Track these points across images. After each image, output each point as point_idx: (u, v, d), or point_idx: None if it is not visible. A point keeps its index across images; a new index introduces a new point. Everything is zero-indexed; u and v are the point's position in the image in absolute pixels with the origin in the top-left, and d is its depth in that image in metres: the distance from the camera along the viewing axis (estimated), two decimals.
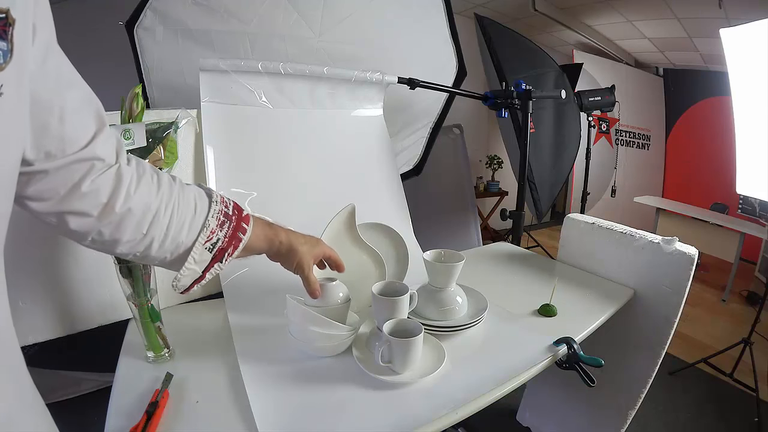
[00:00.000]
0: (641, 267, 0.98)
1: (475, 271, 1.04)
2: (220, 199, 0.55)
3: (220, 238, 0.53)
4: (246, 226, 0.57)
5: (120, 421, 0.54)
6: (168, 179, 0.49)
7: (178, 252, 0.50)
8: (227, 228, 0.54)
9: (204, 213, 0.52)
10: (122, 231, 0.44)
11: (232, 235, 0.55)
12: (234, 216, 0.55)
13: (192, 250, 0.51)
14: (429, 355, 0.68)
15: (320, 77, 1.10)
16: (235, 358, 0.68)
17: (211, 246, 0.52)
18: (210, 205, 0.53)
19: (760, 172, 2.21)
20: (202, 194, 0.54)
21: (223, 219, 0.54)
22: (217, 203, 0.54)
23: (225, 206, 0.55)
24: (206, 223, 0.52)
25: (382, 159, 1.27)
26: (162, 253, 0.49)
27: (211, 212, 0.52)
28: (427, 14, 1.54)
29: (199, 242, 0.51)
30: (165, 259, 0.51)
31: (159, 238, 0.48)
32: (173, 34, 1.36)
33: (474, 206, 2.86)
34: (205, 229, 0.51)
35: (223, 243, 0.53)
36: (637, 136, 4.53)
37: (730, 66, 2.29)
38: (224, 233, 0.53)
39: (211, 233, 0.52)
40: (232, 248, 0.55)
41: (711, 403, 1.77)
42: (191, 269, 0.52)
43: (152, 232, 0.47)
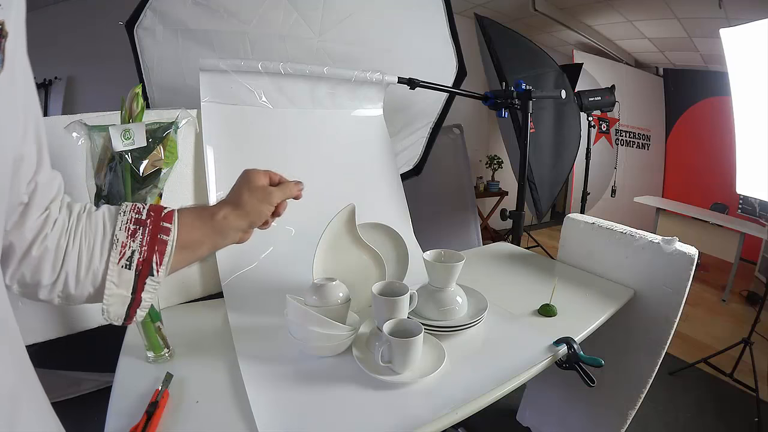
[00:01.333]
0: (641, 267, 0.98)
1: (475, 271, 1.04)
2: (130, 208, 0.49)
3: (134, 249, 0.47)
4: (168, 224, 0.49)
5: (120, 421, 0.54)
6: (78, 210, 0.46)
7: (97, 282, 0.46)
8: (141, 235, 0.47)
9: (110, 230, 0.46)
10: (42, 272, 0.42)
11: (151, 242, 0.48)
12: (149, 219, 0.48)
13: (107, 273, 0.45)
14: (429, 355, 0.68)
15: (320, 77, 1.10)
16: (235, 358, 0.68)
17: (127, 262, 0.46)
18: (116, 218, 0.47)
19: (760, 172, 2.21)
20: (111, 211, 0.48)
21: (134, 227, 0.47)
22: (125, 213, 0.48)
23: (137, 213, 0.48)
24: (114, 239, 0.46)
25: (382, 159, 1.27)
26: (82, 289, 0.45)
27: (118, 225, 0.47)
28: (427, 14, 1.54)
29: (112, 261, 0.45)
30: (90, 295, 0.46)
31: (73, 271, 0.44)
32: (173, 34, 1.36)
33: (474, 206, 2.86)
34: (115, 245, 0.46)
35: (142, 254, 0.47)
36: (637, 136, 4.53)
37: (730, 66, 2.29)
38: (139, 242, 0.47)
39: (122, 247, 0.46)
40: (159, 255, 0.48)
41: (711, 403, 1.77)
42: (115, 294, 0.46)
43: (66, 268, 0.43)
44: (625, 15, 3.51)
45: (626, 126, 4.40)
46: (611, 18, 3.63)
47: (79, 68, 2.56)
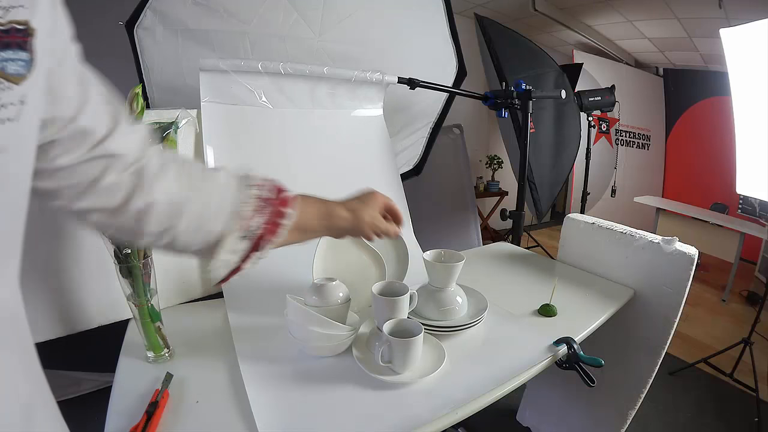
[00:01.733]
0: (641, 267, 0.98)
1: (475, 271, 1.04)
2: (257, 183, 0.51)
3: (256, 225, 0.49)
4: (286, 209, 0.52)
5: (120, 421, 0.54)
6: (198, 168, 0.48)
7: (207, 242, 0.48)
8: (265, 214, 0.50)
9: (236, 200, 0.48)
10: (144, 224, 0.43)
11: (270, 221, 0.50)
12: (273, 199, 0.51)
13: (224, 239, 0.48)
14: (429, 355, 0.68)
15: (320, 77, 1.10)
16: (235, 358, 0.68)
17: (245, 234, 0.49)
18: (244, 190, 0.49)
19: (760, 172, 2.21)
20: (235, 179, 0.50)
21: (260, 204, 0.50)
22: (251, 187, 0.50)
23: (262, 190, 0.51)
24: (241, 209, 0.48)
25: (382, 159, 1.27)
26: (190, 245, 0.47)
27: (244, 197, 0.49)
28: (427, 14, 1.54)
29: (233, 231, 0.48)
30: (194, 250, 0.48)
31: (185, 230, 0.45)
32: (173, 34, 1.36)
33: (474, 206, 2.86)
34: (239, 217, 0.48)
35: (260, 230, 0.50)
36: (637, 136, 4.53)
37: (730, 66, 2.29)
38: (262, 220, 0.50)
39: (244, 221, 0.48)
40: (271, 235, 0.51)
41: (711, 403, 1.77)
42: (224, 260, 0.49)
43: (178, 225, 0.45)
44: (625, 15, 3.51)
45: (626, 126, 4.40)
46: (611, 18, 3.63)
47: None
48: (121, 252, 0.64)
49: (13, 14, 0.30)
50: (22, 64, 0.30)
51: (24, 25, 0.30)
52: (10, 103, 0.30)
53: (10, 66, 0.30)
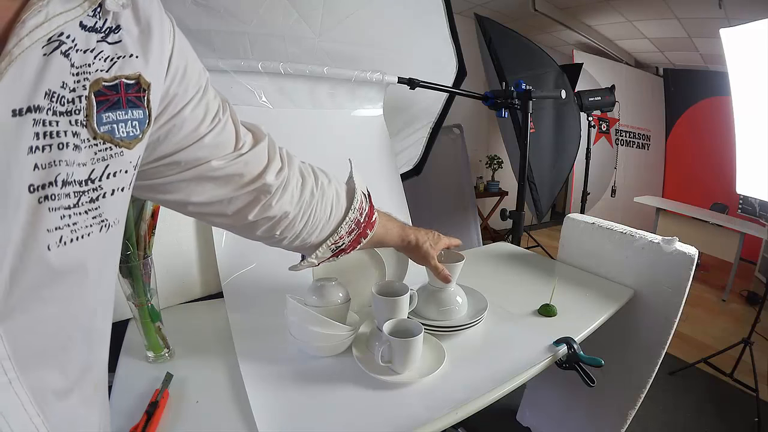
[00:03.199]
0: (641, 267, 0.98)
1: (475, 271, 1.04)
2: (358, 206, 0.57)
3: (345, 242, 0.57)
4: (370, 231, 0.60)
5: (120, 421, 0.54)
6: (311, 185, 0.52)
7: (303, 247, 0.55)
8: (354, 234, 0.57)
9: (337, 221, 0.55)
10: (256, 229, 0.48)
11: (355, 240, 0.58)
12: (364, 223, 0.58)
13: (318, 249, 0.55)
14: (429, 355, 0.68)
15: (320, 77, 1.10)
16: (235, 358, 0.68)
17: (335, 248, 0.56)
18: (346, 213, 0.56)
19: (760, 172, 2.21)
20: (342, 199, 0.56)
21: (353, 227, 0.57)
22: (353, 211, 0.56)
23: (360, 213, 0.58)
24: (337, 230, 0.55)
25: (382, 159, 1.27)
26: (289, 245, 0.54)
27: (345, 221, 0.55)
28: (427, 14, 1.54)
29: (326, 244, 0.55)
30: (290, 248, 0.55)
31: (290, 238, 0.52)
32: None
33: (474, 206, 2.86)
34: (335, 235, 0.55)
35: (345, 246, 0.57)
36: (637, 136, 4.53)
37: (730, 66, 2.30)
38: (350, 239, 0.57)
39: (339, 239, 0.55)
40: (351, 248, 0.58)
41: (711, 403, 1.77)
42: (311, 262, 0.57)
43: (285, 234, 0.50)
44: (625, 15, 3.51)
45: (626, 126, 4.40)
46: (611, 18, 3.63)
47: None
48: (121, 252, 0.64)
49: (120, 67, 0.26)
50: (134, 124, 0.27)
51: (133, 79, 0.26)
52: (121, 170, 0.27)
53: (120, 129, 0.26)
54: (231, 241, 0.96)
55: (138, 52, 0.27)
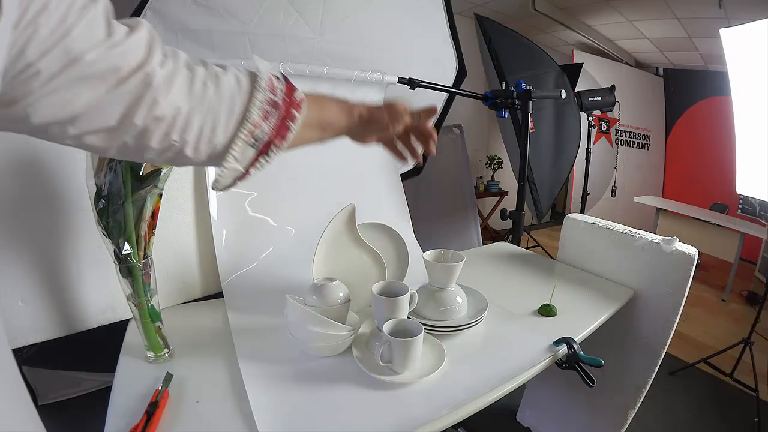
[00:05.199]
0: (641, 267, 0.98)
1: (475, 271, 1.04)
2: (267, 85, 0.47)
3: (264, 131, 0.46)
4: (297, 112, 0.50)
5: (120, 421, 0.54)
6: (203, 73, 0.43)
7: (215, 152, 0.45)
8: (274, 119, 0.47)
9: (243, 105, 0.45)
10: (149, 139, 0.40)
11: (279, 125, 0.48)
12: (284, 103, 0.48)
13: (231, 148, 0.45)
14: (429, 355, 0.68)
15: (320, 77, 1.10)
16: (235, 358, 0.68)
17: (254, 141, 0.46)
18: (252, 94, 0.45)
19: (760, 172, 2.21)
20: (244, 81, 0.46)
21: (269, 109, 0.46)
22: (262, 90, 0.46)
23: (272, 92, 0.47)
24: (246, 116, 0.45)
25: (382, 159, 1.27)
26: (197, 156, 0.44)
27: (254, 103, 0.45)
28: (427, 14, 1.54)
29: (240, 138, 0.45)
30: (202, 161, 0.46)
31: (192, 142, 0.42)
32: (173, 34, 1.36)
33: (474, 206, 2.86)
34: (246, 124, 0.45)
35: (268, 136, 0.47)
36: (637, 136, 4.53)
37: (730, 66, 2.30)
38: (271, 125, 0.47)
39: (253, 127, 0.45)
40: (280, 139, 0.48)
41: (711, 403, 1.77)
42: (231, 168, 0.47)
43: (185, 137, 0.42)
44: (625, 15, 3.51)
45: (626, 126, 4.40)
46: (611, 18, 3.63)
47: None
48: (121, 252, 0.64)
49: None
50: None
51: None
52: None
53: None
54: (231, 241, 0.96)
55: None
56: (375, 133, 0.60)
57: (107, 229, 0.63)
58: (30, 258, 0.76)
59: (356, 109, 0.57)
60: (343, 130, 0.58)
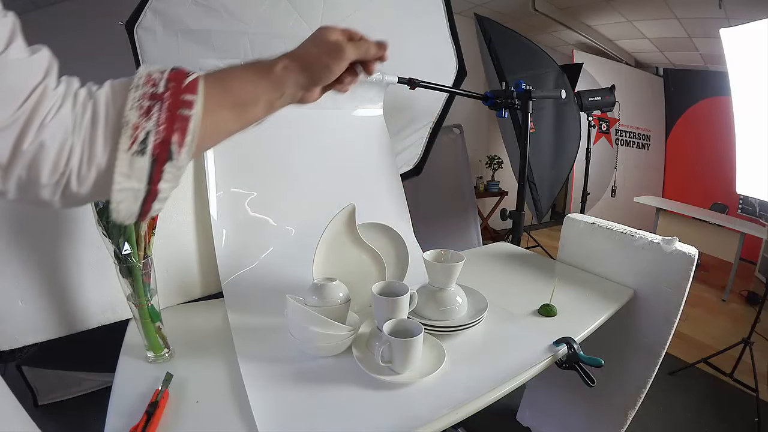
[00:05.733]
0: (641, 267, 0.98)
1: (475, 271, 1.04)
2: (143, 81, 0.39)
3: (149, 130, 0.37)
4: (191, 96, 0.40)
5: (120, 421, 0.54)
6: (84, 93, 0.37)
7: (101, 174, 0.37)
8: (158, 112, 0.38)
9: (116, 110, 0.37)
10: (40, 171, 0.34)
11: (170, 118, 0.38)
12: (168, 90, 0.39)
13: (114, 164, 0.37)
14: (429, 355, 0.68)
15: None
16: (235, 358, 0.68)
17: (140, 148, 0.37)
18: (126, 96, 0.38)
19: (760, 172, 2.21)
20: (117, 87, 0.39)
21: (149, 103, 0.38)
22: (137, 87, 0.38)
23: (152, 85, 0.39)
24: (122, 121, 0.37)
25: (382, 159, 1.27)
26: (83, 185, 0.37)
27: (128, 105, 0.37)
28: (427, 14, 1.54)
29: (121, 149, 0.36)
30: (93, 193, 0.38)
31: (76, 168, 0.36)
32: (173, 34, 1.36)
33: (474, 206, 2.86)
34: (125, 129, 0.36)
35: (158, 135, 0.38)
36: (637, 136, 4.53)
37: (730, 66, 2.30)
38: (155, 120, 0.38)
39: (133, 130, 0.37)
40: (179, 134, 0.39)
41: (711, 403, 1.77)
42: (125, 188, 0.38)
43: (70, 163, 0.35)
44: (625, 15, 3.51)
45: (626, 126, 4.40)
46: (611, 18, 3.63)
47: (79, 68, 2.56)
48: (121, 252, 0.64)
49: None
50: None
51: None
52: None
53: None
54: (231, 241, 0.96)
55: None
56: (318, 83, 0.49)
57: (107, 229, 0.63)
58: (30, 258, 0.76)
59: (277, 65, 0.47)
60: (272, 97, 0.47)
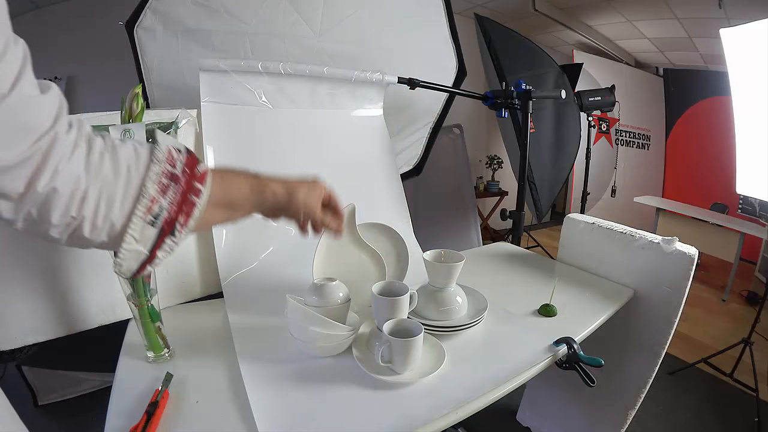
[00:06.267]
0: (641, 267, 0.98)
1: (475, 271, 1.04)
2: (165, 157, 0.44)
3: (163, 207, 0.43)
4: (200, 186, 0.46)
5: (120, 421, 0.54)
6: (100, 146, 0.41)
7: (114, 232, 0.41)
8: (173, 192, 0.44)
9: (139, 179, 0.42)
10: (50, 212, 0.37)
11: (181, 201, 0.44)
12: (184, 175, 0.45)
13: (128, 227, 0.41)
14: (429, 355, 0.68)
15: (320, 77, 1.10)
16: (235, 358, 0.68)
17: (153, 218, 0.42)
18: (148, 167, 0.42)
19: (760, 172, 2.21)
20: (142, 154, 0.43)
21: (167, 182, 0.43)
22: (158, 163, 0.43)
23: (171, 164, 0.44)
24: (142, 191, 0.42)
25: (382, 159, 1.27)
26: (97, 235, 0.41)
27: (150, 177, 0.42)
28: (427, 14, 1.54)
29: (137, 216, 0.41)
30: (103, 243, 0.42)
31: (90, 217, 0.39)
32: (173, 35, 1.36)
33: (474, 206, 2.86)
34: (143, 199, 0.42)
35: (169, 213, 0.43)
36: (637, 136, 4.53)
37: (730, 66, 2.30)
38: (169, 200, 0.43)
39: (150, 203, 0.42)
40: (184, 216, 0.45)
41: (711, 403, 1.77)
42: (132, 250, 0.43)
43: (82, 212, 0.39)
44: (625, 15, 3.51)
45: (626, 126, 4.40)
46: (611, 18, 3.63)
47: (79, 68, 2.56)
48: None
49: None
50: None
51: None
52: None
53: None
54: (231, 241, 0.96)
55: None
56: (283, 219, 0.58)
57: None
58: (30, 258, 0.76)
59: (269, 189, 0.54)
60: (252, 211, 0.55)
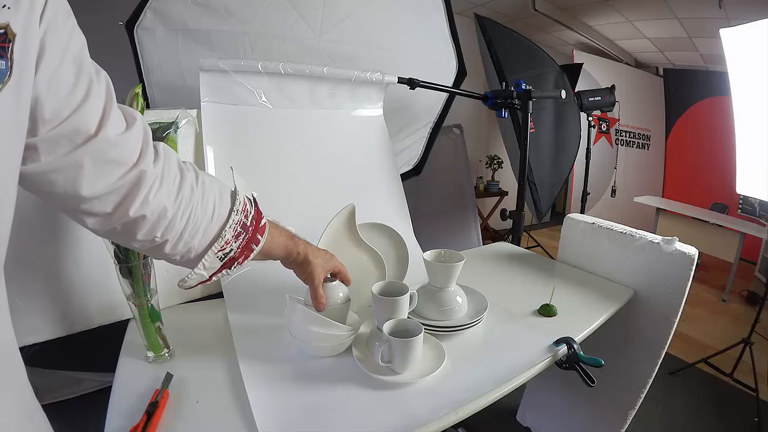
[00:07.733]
0: (641, 267, 0.98)
1: (475, 271, 1.04)
2: (242, 208, 0.54)
3: (233, 248, 0.53)
4: (260, 237, 0.57)
5: (120, 421, 0.54)
6: (191, 181, 0.48)
7: (188, 256, 0.50)
8: (242, 239, 0.53)
9: (221, 223, 0.51)
10: (136, 231, 0.44)
11: (245, 246, 0.54)
12: (251, 227, 0.55)
13: (203, 257, 0.51)
14: (429, 355, 0.68)
15: (320, 77, 1.10)
16: (235, 358, 0.68)
17: (223, 255, 0.52)
18: (230, 214, 0.52)
19: (760, 172, 2.21)
20: (225, 199, 0.53)
21: (240, 230, 0.53)
22: (237, 212, 0.53)
23: (245, 216, 0.54)
24: (222, 234, 0.51)
25: (382, 159, 1.27)
26: (173, 254, 0.49)
27: (229, 223, 0.52)
28: (427, 14, 1.54)
29: (212, 251, 0.51)
30: (175, 260, 0.51)
31: (172, 241, 0.47)
32: (173, 34, 1.36)
33: (474, 206, 2.86)
34: (220, 240, 0.51)
35: (235, 253, 0.53)
36: (637, 136, 4.53)
37: (730, 66, 2.29)
38: (238, 244, 0.53)
39: (225, 244, 0.52)
40: (243, 258, 0.55)
41: (711, 403, 1.77)
42: (200, 273, 0.52)
43: (165, 236, 0.46)
44: (625, 15, 3.51)
45: (626, 126, 4.40)
46: (611, 18, 3.63)
47: None
48: (121, 252, 0.64)
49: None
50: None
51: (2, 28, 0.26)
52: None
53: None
54: None
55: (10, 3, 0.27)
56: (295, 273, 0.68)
57: None
58: (30, 258, 0.76)
59: (299, 251, 0.65)
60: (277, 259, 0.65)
